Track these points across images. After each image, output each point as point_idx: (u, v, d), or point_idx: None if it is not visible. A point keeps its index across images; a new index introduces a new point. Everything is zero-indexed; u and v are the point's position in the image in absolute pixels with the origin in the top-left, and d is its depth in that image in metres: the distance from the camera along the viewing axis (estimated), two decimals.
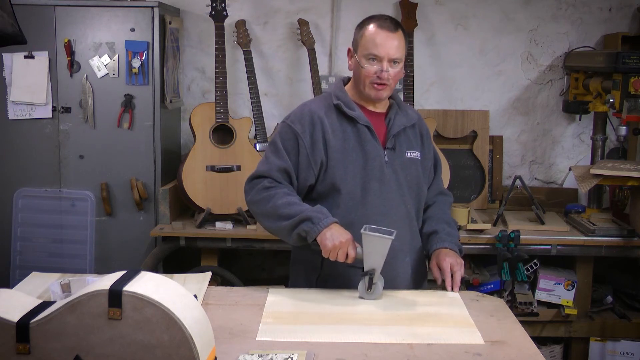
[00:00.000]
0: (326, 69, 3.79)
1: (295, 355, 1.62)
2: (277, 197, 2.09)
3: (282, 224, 2.07)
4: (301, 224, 2.03)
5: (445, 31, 3.75)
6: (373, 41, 2.12)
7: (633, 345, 3.37)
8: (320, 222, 2.02)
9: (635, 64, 2.98)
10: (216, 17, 3.38)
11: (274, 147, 2.19)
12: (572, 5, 3.77)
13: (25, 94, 3.37)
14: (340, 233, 2.02)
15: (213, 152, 3.36)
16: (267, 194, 2.11)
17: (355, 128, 2.17)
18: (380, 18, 2.16)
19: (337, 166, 2.14)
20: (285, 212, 2.06)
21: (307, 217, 2.03)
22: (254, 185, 2.15)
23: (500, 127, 3.85)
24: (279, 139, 2.19)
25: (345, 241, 2.00)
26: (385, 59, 2.11)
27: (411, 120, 2.27)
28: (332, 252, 2.00)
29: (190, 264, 3.38)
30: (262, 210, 2.13)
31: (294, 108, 2.29)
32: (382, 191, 2.17)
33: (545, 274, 3.29)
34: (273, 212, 2.09)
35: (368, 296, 2.04)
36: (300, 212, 2.04)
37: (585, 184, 3.09)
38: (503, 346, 1.74)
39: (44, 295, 1.97)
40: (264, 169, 2.16)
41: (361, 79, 2.16)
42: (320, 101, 2.24)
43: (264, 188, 2.12)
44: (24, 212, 3.45)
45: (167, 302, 1.38)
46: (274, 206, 2.08)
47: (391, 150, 2.20)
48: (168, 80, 3.46)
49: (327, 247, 2.00)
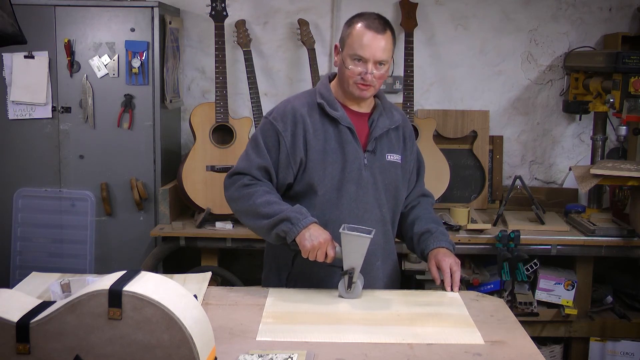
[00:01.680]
0: (326, 69, 3.79)
1: (295, 355, 1.62)
2: (256, 195, 2.08)
3: (261, 223, 2.07)
4: (280, 224, 2.03)
5: (445, 31, 3.75)
6: (359, 41, 2.09)
7: (633, 345, 3.37)
8: (299, 223, 2.01)
9: (635, 64, 2.98)
10: (216, 17, 3.38)
11: (254, 143, 2.17)
12: (572, 5, 3.77)
13: (25, 94, 3.37)
14: (319, 233, 2.01)
15: (213, 152, 3.36)
16: (246, 192, 2.10)
17: (336, 129, 2.15)
18: (369, 17, 2.14)
19: (315, 167, 2.13)
20: (264, 211, 2.05)
21: (286, 217, 2.02)
22: (234, 181, 2.15)
23: (500, 127, 3.85)
24: (261, 135, 2.17)
25: (324, 241, 2.00)
26: (371, 61, 2.08)
27: (395, 122, 2.23)
28: (311, 252, 2.00)
29: (190, 264, 3.38)
30: (241, 208, 2.13)
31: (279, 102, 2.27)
32: (358, 194, 2.16)
33: (545, 274, 3.29)
34: (252, 210, 2.08)
35: (348, 295, 2.05)
36: (279, 211, 2.04)
37: (585, 184, 3.09)
38: (503, 346, 1.74)
39: (44, 295, 1.97)
40: (243, 166, 2.15)
41: (345, 78, 2.13)
42: (304, 98, 2.21)
43: (244, 185, 2.11)
44: (24, 212, 3.45)
45: (167, 302, 1.38)
46: (253, 204, 2.07)
47: (371, 153, 2.18)
48: (168, 80, 3.46)
49: (306, 248, 2.00)
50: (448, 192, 3.56)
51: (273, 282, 2.26)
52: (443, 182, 3.50)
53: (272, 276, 2.27)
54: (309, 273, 2.18)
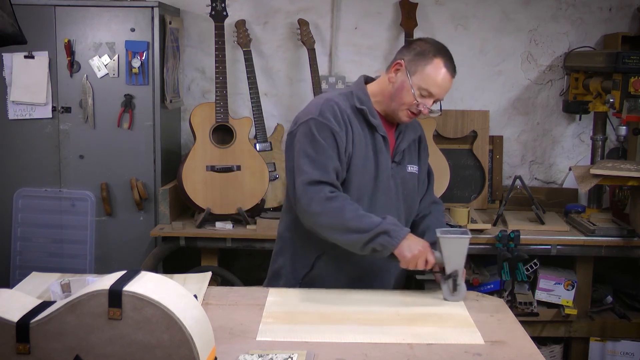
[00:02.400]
0: (326, 69, 3.79)
1: (295, 355, 1.62)
2: (344, 210, 2.00)
3: (354, 237, 2.00)
4: (377, 238, 1.98)
5: (445, 31, 3.75)
6: (435, 79, 2.06)
7: (633, 345, 3.37)
8: (397, 235, 1.98)
9: (635, 64, 2.98)
10: (216, 17, 3.38)
11: (316, 145, 2.04)
12: (572, 5, 3.77)
13: (25, 94, 3.37)
14: (416, 242, 2.01)
15: (213, 152, 3.36)
16: (331, 206, 2.00)
17: (373, 136, 2.13)
18: (446, 55, 2.10)
19: (356, 172, 2.10)
20: (356, 225, 1.99)
21: (383, 230, 1.97)
22: (314, 194, 2.01)
23: (500, 127, 3.85)
24: (319, 136, 2.04)
25: (423, 249, 2.00)
26: (434, 98, 2.09)
27: (417, 134, 2.25)
28: (411, 261, 1.99)
29: (190, 264, 3.38)
30: (328, 223, 2.01)
31: (309, 104, 2.17)
32: (385, 204, 2.15)
33: (545, 274, 3.29)
34: (342, 226, 2.00)
35: (453, 298, 2.05)
36: (374, 225, 1.98)
37: (585, 184, 3.09)
38: (503, 346, 1.74)
39: (44, 295, 1.97)
40: (319, 174, 2.02)
41: (399, 101, 2.08)
42: (344, 100, 2.14)
43: (327, 199, 2.00)
44: (24, 212, 3.45)
45: (167, 302, 1.38)
46: (343, 219, 1.99)
47: (397, 164, 2.18)
48: (168, 80, 3.46)
49: (407, 258, 1.99)
50: (448, 192, 3.56)
51: (285, 280, 2.22)
52: (443, 182, 3.50)
53: (285, 274, 2.23)
54: (328, 277, 2.17)
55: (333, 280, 2.17)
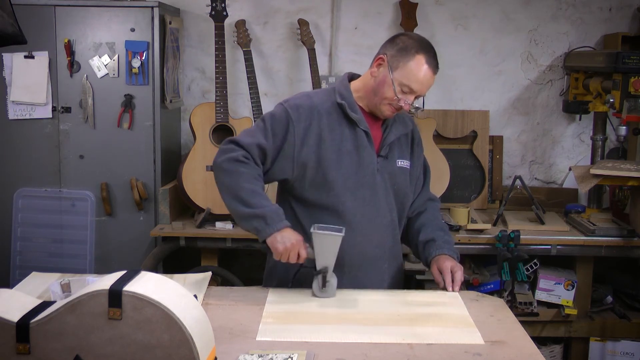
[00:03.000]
0: (326, 69, 3.79)
1: (295, 355, 1.62)
2: (244, 176, 2.04)
3: (238, 208, 2.03)
4: (255, 220, 2.01)
5: (445, 31, 3.75)
6: (416, 76, 2.06)
7: (633, 345, 3.37)
8: (273, 225, 2.00)
9: (635, 64, 2.98)
10: (216, 17, 3.38)
11: (263, 124, 2.12)
12: (572, 5, 3.77)
13: (25, 94, 3.37)
14: (290, 235, 2.01)
15: (213, 152, 3.33)
16: (236, 168, 2.05)
17: (353, 131, 2.13)
18: (429, 51, 2.09)
19: (330, 166, 2.11)
20: (246, 197, 2.02)
21: (262, 214, 2.00)
22: (229, 150, 2.09)
23: (500, 127, 3.85)
24: (271, 119, 2.12)
25: (295, 243, 2.00)
26: (416, 94, 2.09)
27: (407, 127, 2.24)
28: (283, 254, 2.00)
29: (190, 264, 3.38)
30: (225, 181, 2.07)
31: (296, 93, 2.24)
32: (372, 198, 2.15)
33: (545, 274, 3.29)
34: (234, 190, 2.04)
35: (322, 294, 2.05)
36: (259, 206, 2.01)
37: (585, 184, 3.09)
38: (503, 346, 1.74)
39: (44, 295, 1.97)
40: (246, 141, 2.09)
41: (381, 95, 2.09)
42: (324, 95, 2.18)
43: (237, 160, 2.06)
44: (24, 212, 3.45)
45: (167, 302, 1.38)
46: (238, 185, 2.04)
47: (384, 158, 2.17)
48: (168, 80, 3.46)
49: (279, 250, 2.00)
50: (448, 192, 3.56)
51: (278, 277, 2.23)
52: (443, 182, 3.50)
53: (277, 272, 2.24)
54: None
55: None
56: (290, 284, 2.17)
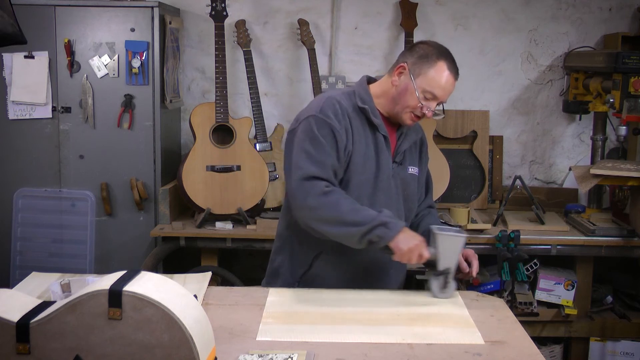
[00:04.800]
0: (326, 69, 3.79)
1: (295, 355, 1.62)
2: (340, 203, 2.00)
3: (351, 230, 1.99)
4: (375, 229, 1.97)
5: (445, 31, 3.75)
6: (439, 82, 2.06)
7: (633, 345, 3.37)
8: (395, 227, 1.98)
9: (635, 64, 2.98)
10: (216, 17, 3.38)
11: (314, 142, 2.04)
12: (572, 5, 3.77)
13: (25, 94, 3.37)
14: (412, 236, 2.01)
15: (213, 152, 3.36)
16: (327, 200, 1.99)
17: (374, 136, 2.13)
18: (449, 58, 2.10)
19: (355, 170, 2.10)
20: (353, 218, 1.99)
21: (381, 222, 1.98)
22: (310, 188, 2.01)
23: (500, 127, 3.85)
24: (318, 133, 2.04)
25: (419, 243, 2.00)
26: (438, 101, 2.09)
27: (418, 134, 2.26)
28: (406, 254, 1.99)
29: (190, 264, 3.38)
30: (324, 217, 2.01)
31: (311, 102, 2.18)
32: (386, 204, 2.15)
33: (545, 274, 3.29)
34: (339, 219, 2.00)
35: (442, 295, 2.06)
36: (371, 217, 1.99)
37: (585, 184, 3.09)
38: (503, 346, 1.74)
39: (44, 295, 1.97)
40: (315, 170, 2.02)
41: (403, 103, 2.09)
42: (346, 99, 2.14)
43: (323, 193, 2.00)
44: (24, 212, 3.45)
45: (167, 302, 1.38)
46: (339, 213, 1.99)
47: (398, 165, 2.18)
48: (168, 80, 3.46)
49: (403, 251, 1.98)
50: (448, 192, 3.56)
51: (283, 278, 2.22)
52: (443, 182, 3.50)
53: (283, 272, 2.23)
54: (326, 277, 2.17)
55: (331, 279, 2.16)
56: (297, 285, 2.17)
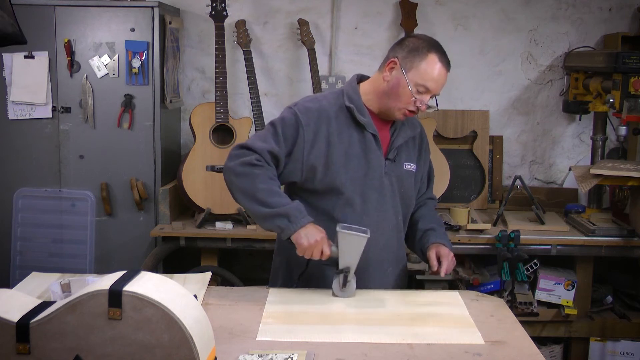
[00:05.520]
0: (326, 69, 3.79)
1: (295, 355, 1.62)
2: (260, 178, 2.03)
3: (258, 209, 2.02)
4: (278, 219, 2.00)
5: (445, 31, 3.75)
6: (431, 74, 2.06)
7: (633, 345, 3.37)
8: (297, 221, 1.99)
9: (635, 64, 2.98)
10: (216, 17, 3.38)
11: (273, 129, 2.10)
12: (572, 5, 3.77)
13: (25, 94, 3.37)
14: (315, 231, 2.01)
15: (213, 152, 3.36)
16: (250, 171, 2.04)
17: (361, 134, 2.13)
18: (440, 50, 2.10)
19: (339, 169, 2.11)
20: (265, 198, 2.01)
21: (285, 213, 2.00)
22: (241, 155, 2.07)
23: (500, 127, 3.85)
24: (281, 123, 2.10)
25: (320, 239, 2.00)
26: (431, 93, 2.09)
27: (415, 130, 2.25)
28: (307, 250, 2.00)
29: (190, 264, 3.38)
30: (241, 185, 2.05)
31: (304, 96, 2.23)
32: (379, 202, 2.16)
33: (545, 274, 3.29)
34: (252, 193, 2.03)
35: (342, 294, 2.06)
36: (280, 205, 2.01)
37: (585, 184, 3.09)
38: (503, 346, 1.74)
39: (44, 295, 1.97)
40: (257, 146, 2.07)
41: (395, 99, 2.09)
42: (332, 98, 2.16)
43: (250, 164, 2.04)
44: (24, 212, 3.45)
45: (167, 302, 1.38)
46: (255, 187, 2.02)
47: (391, 162, 2.18)
48: (168, 80, 3.46)
49: (303, 246, 1.99)
50: (448, 192, 3.56)
51: (282, 279, 2.24)
52: (443, 182, 3.50)
53: (282, 273, 2.25)
54: (323, 275, 2.17)
55: (328, 278, 2.16)
56: (295, 285, 2.17)
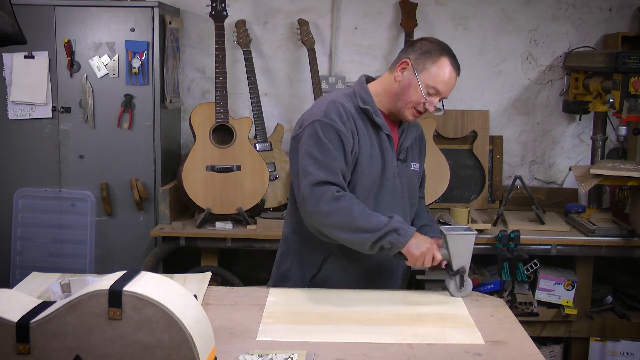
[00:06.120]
0: (326, 69, 3.79)
1: (295, 355, 1.62)
2: (352, 209, 1.99)
3: (365, 237, 1.99)
4: (386, 236, 1.98)
5: (445, 31, 3.75)
6: (442, 77, 2.08)
7: (633, 345, 3.37)
8: (406, 234, 1.99)
9: (635, 64, 2.98)
10: (216, 17, 3.38)
11: (321, 147, 2.03)
12: (572, 5, 3.77)
13: (25, 94, 3.37)
14: (422, 240, 2.02)
15: (213, 152, 3.36)
16: (339, 205, 1.99)
17: (377, 135, 2.14)
18: (452, 54, 2.12)
19: (362, 171, 2.10)
20: (365, 225, 1.98)
21: (393, 228, 1.98)
22: (320, 193, 2.00)
23: (500, 127, 3.85)
24: (324, 138, 2.04)
25: (430, 247, 2.01)
26: (441, 96, 2.11)
27: (417, 130, 2.27)
28: (419, 259, 2.00)
29: (190, 264, 3.38)
30: (336, 223, 2.00)
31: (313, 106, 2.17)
32: (391, 202, 2.16)
33: (545, 274, 3.29)
34: (350, 225, 1.99)
35: (460, 294, 2.08)
36: (382, 224, 1.99)
37: (585, 184, 3.09)
38: (503, 346, 1.74)
39: (44, 295, 1.97)
40: (325, 175, 2.01)
41: (406, 100, 2.10)
42: (348, 100, 2.14)
43: (335, 198, 1.99)
44: (24, 212, 3.45)
45: (167, 302, 1.38)
46: (352, 218, 1.99)
47: (402, 162, 2.19)
48: (168, 80, 3.46)
49: (415, 256, 1.99)
50: (448, 192, 3.56)
51: (293, 281, 2.22)
52: (443, 182, 3.50)
53: (293, 275, 2.23)
54: (336, 279, 2.18)
55: (341, 281, 2.17)
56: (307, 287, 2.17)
